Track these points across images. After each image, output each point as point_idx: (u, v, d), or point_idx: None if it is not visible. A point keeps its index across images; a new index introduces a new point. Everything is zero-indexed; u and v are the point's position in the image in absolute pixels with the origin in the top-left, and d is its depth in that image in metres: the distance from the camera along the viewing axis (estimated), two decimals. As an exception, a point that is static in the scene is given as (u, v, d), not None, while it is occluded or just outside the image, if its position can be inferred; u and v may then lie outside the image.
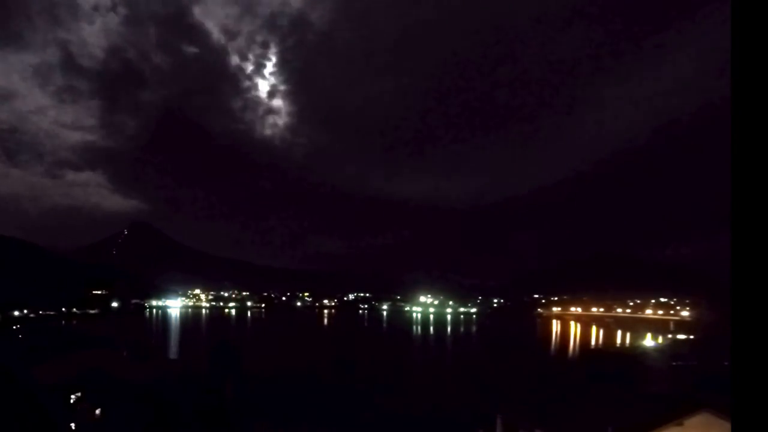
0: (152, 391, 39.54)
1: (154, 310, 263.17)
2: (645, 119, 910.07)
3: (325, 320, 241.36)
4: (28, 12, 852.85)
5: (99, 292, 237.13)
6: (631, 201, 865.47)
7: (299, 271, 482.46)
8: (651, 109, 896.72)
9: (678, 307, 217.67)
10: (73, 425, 31.56)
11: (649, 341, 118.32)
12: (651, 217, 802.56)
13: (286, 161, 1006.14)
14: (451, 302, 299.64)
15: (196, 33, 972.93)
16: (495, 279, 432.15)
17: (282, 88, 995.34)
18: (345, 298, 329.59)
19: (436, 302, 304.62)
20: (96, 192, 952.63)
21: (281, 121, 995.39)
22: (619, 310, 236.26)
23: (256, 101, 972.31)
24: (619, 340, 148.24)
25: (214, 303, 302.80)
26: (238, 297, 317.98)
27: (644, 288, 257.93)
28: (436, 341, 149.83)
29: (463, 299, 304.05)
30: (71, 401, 36.19)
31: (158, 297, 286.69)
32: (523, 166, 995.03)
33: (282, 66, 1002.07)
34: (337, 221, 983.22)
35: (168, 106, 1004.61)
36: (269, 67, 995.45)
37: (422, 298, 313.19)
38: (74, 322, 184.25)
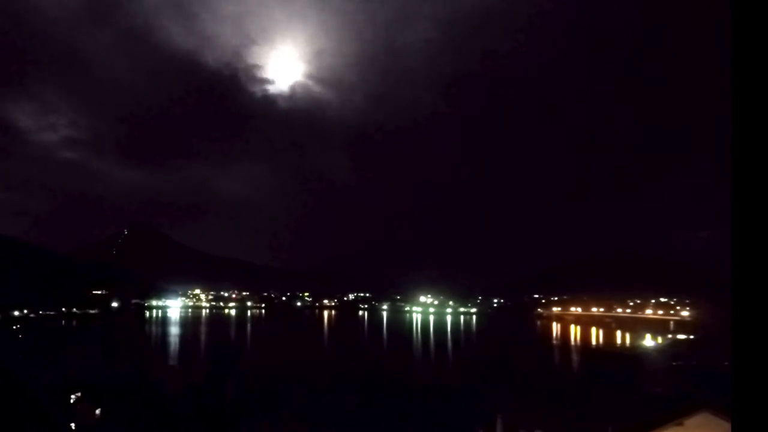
0: (152, 391, 39.59)
1: (154, 311, 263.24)
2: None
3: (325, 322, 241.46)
4: None
5: (99, 292, 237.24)
6: (630, 200, 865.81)
7: (299, 271, 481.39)
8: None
9: (678, 307, 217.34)
10: (73, 425, 31.58)
11: (649, 341, 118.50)
12: (651, 216, 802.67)
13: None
14: (451, 302, 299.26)
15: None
16: (495, 279, 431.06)
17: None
18: (345, 298, 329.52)
19: (436, 302, 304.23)
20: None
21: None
22: (619, 310, 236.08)
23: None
24: (619, 340, 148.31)
25: (214, 303, 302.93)
26: (238, 297, 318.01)
27: (644, 288, 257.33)
28: (436, 341, 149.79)
29: (463, 299, 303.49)
30: (71, 401, 36.21)
31: (158, 297, 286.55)
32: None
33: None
34: (336, 219, 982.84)
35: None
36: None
37: (422, 298, 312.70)
38: (74, 322, 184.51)
